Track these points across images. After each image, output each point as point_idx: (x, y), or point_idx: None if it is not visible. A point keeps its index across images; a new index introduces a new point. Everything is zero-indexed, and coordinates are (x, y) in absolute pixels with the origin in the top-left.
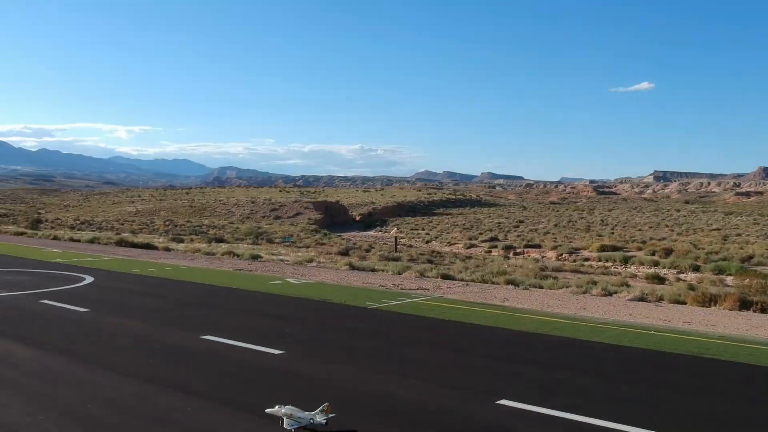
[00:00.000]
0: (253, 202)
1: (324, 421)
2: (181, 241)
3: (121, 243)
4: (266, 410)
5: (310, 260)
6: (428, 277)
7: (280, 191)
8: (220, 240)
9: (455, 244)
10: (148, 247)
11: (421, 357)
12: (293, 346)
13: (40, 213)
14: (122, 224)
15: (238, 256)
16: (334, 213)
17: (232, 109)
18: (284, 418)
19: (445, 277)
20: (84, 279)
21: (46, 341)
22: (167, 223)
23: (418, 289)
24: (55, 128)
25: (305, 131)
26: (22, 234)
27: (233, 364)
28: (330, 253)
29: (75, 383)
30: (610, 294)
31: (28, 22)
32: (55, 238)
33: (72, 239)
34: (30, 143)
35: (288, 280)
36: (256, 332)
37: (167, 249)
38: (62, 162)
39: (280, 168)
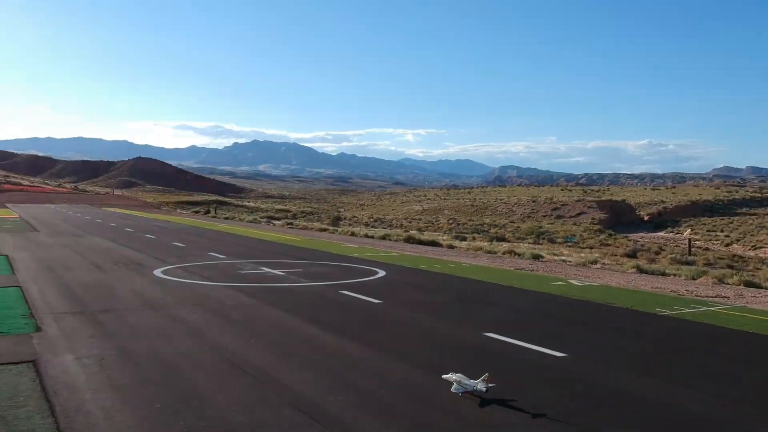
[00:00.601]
0: (533, 201)
1: (484, 389)
2: (464, 239)
3: (409, 240)
4: (442, 376)
5: (594, 261)
6: (728, 283)
7: (562, 190)
8: (501, 239)
9: (762, 248)
10: (433, 244)
11: (717, 370)
12: (576, 349)
13: (339, 211)
14: (410, 222)
15: (519, 255)
16: (620, 212)
17: (513, 108)
18: (454, 383)
19: (749, 284)
20: (377, 272)
21: (345, 328)
22: (450, 221)
23: (715, 296)
24: (353, 134)
25: (588, 128)
26: (324, 230)
27: (515, 363)
28: (615, 255)
29: (370, 369)
30: None
31: (335, 41)
32: (353, 234)
33: (366, 236)
34: (331, 148)
35: (570, 281)
36: (538, 333)
37: (451, 246)
38: (358, 164)
39: (562, 166)
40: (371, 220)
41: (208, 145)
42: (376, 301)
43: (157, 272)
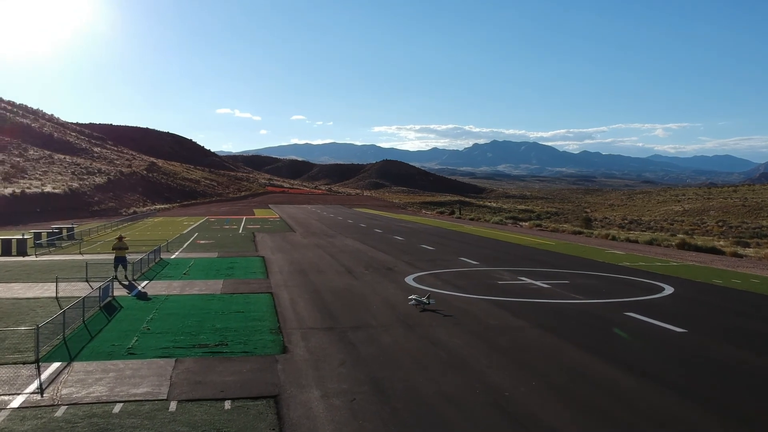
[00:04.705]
0: None
1: (426, 301)
2: (746, 244)
3: (683, 246)
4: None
5: None
6: None
7: None
8: None
9: None
10: (713, 251)
11: None
12: None
13: (586, 212)
14: (671, 224)
15: None
16: None
17: None
18: (412, 300)
19: None
20: (662, 288)
21: (649, 369)
22: (720, 223)
23: None
24: (595, 131)
25: None
26: (578, 233)
27: None
28: None
29: None
30: None
31: (572, 34)
32: (613, 238)
33: (628, 240)
34: (572, 146)
35: None
36: None
37: (736, 254)
38: (602, 162)
39: None
40: (625, 221)
41: (448, 147)
42: (676, 329)
43: (409, 279)
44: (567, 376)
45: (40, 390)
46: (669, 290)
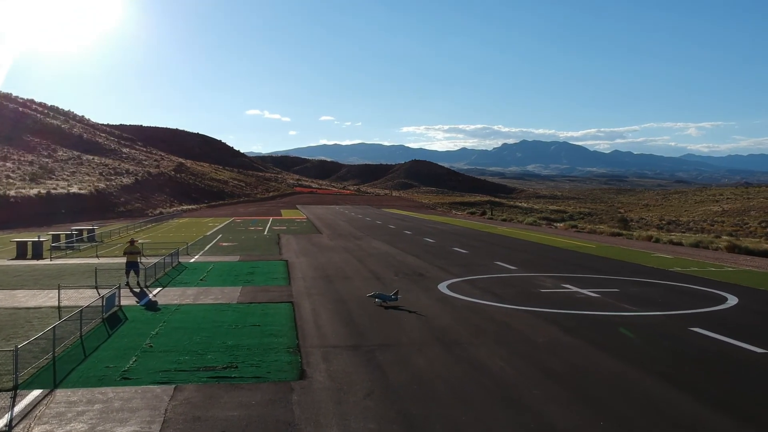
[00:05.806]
0: None
1: (394, 297)
2: None
3: (733, 249)
4: (367, 295)
5: None
6: None
7: None
8: None
9: None
10: (765, 254)
11: None
12: None
13: (621, 212)
14: (711, 225)
15: None
16: None
17: None
18: (376, 299)
19: None
20: (725, 298)
21: (737, 401)
22: (762, 224)
23: None
24: (626, 130)
25: None
26: (617, 235)
27: None
28: None
29: None
30: None
31: (600, 34)
32: (656, 240)
33: (671, 242)
34: (603, 146)
35: None
36: None
37: None
38: (633, 162)
39: None
40: (663, 222)
41: (477, 147)
42: (756, 349)
43: (442, 287)
44: (642, 412)
45: (9, 428)
46: (733, 300)
